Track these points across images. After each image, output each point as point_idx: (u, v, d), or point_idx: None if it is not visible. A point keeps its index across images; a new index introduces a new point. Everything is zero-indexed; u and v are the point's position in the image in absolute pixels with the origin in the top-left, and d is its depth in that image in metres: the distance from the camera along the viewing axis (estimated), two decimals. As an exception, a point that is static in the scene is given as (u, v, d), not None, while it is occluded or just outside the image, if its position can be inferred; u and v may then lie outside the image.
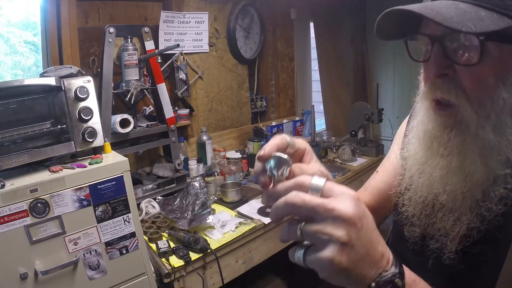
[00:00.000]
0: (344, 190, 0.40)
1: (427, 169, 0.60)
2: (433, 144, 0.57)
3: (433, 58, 0.53)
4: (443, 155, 0.56)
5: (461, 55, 0.50)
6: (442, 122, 0.56)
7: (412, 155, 0.65)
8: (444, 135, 0.55)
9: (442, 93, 0.53)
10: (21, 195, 1.05)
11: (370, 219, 0.40)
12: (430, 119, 0.58)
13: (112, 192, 1.22)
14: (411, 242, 0.66)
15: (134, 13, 2.05)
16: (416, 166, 0.63)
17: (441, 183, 0.57)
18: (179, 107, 2.28)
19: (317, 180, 0.41)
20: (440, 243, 0.59)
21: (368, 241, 0.39)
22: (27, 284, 1.07)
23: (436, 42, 0.51)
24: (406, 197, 0.67)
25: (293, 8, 2.94)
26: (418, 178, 0.63)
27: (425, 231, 0.63)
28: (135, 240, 1.29)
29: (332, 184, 0.41)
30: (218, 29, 2.44)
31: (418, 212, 0.64)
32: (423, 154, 0.60)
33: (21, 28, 1.88)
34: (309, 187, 0.41)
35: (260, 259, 1.76)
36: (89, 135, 1.28)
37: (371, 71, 3.73)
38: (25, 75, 1.90)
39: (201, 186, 1.80)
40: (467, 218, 0.55)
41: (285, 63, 3.01)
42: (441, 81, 0.53)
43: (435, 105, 0.56)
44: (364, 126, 2.83)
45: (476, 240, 0.55)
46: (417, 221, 0.64)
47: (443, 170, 0.56)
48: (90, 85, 1.28)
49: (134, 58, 1.77)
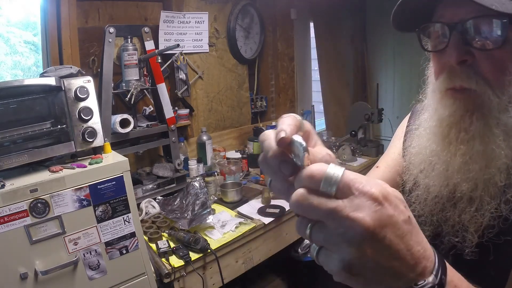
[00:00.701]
0: (367, 185, 0.32)
1: (443, 159, 0.56)
2: (451, 131, 0.55)
3: (452, 45, 0.51)
4: (463, 141, 0.53)
5: (481, 40, 0.49)
6: (461, 106, 0.53)
7: (422, 148, 0.62)
8: (465, 119, 0.53)
9: (461, 81, 0.52)
10: (21, 195, 1.05)
11: (400, 223, 0.32)
12: (446, 106, 0.55)
13: (112, 192, 1.22)
14: None
15: (134, 13, 2.05)
16: (428, 159, 0.60)
17: (461, 171, 0.54)
18: (179, 107, 2.28)
19: (333, 170, 0.33)
20: (460, 238, 0.56)
21: (393, 252, 0.32)
22: (27, 284, 1.07)
23: (454, 29, 0.50)
24: (414, 194, 0.63)
25: (293, 8, 2.93)
26: (430, 172, 0.59)
27: (437, 229, 0.60)
28: (135, 240, 1.29)
29: (352, 177, 0.32)
30: (218, 29, 2.44)
31: (429, 210, 0.61)
32: (438, 144, 0.57)
33: (21, 28, 1.88)
34: (323, 179, 0.32)
35: (260, 259, 1.76)
36: (89, 135, 1.28)
37: (371, 71, 3.73)
38: (25, 75, 1.90)
39: (201, 186, 1.80)
40: (491, 206, 0.52)
41: (285, 63, 3.01)
42: (460, 69, 0.51)
43: (451, 92, 0.54)
44: (364, 126, 2.83)
45: (500, 230, 0.52)
46: (428, 219, 0.61)
47: (465, 156, 0.53)
48: (90, 85, 1.28)
49: (134, 58, 1.77)
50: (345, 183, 0.32)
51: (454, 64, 0.51)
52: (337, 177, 0.32)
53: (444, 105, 0.56)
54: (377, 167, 0.82)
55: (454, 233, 0.57)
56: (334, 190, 0.32)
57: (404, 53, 3.38)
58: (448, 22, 0.51)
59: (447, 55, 0.52)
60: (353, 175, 0.33)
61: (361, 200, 0.31)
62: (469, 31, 0.50)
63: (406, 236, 0.33)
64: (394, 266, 0.33)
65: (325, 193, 0.32)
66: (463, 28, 0.50)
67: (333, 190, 0.32)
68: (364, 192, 0.31)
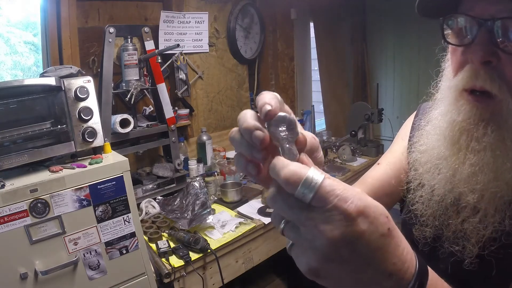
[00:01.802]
0: (343, 200, 0.31)
1: (450, 165, 0.54)
2: (462, 137, 0.52)
3: (479, 42, 0.47)
4: (474, 150, 0.51)
5: (510, 43, 0.46)
6: (477, 114, 0.50)
7: (430, 148, 0.59)
8: (478, 129, 0.50)
9: (483, 82, 0.48)
10: (21, 195, 1.05)
11: (374, 238, 0.31)
12: (461, 110, 0.51)
13: (112, 192, 1.22)
14: (421, 243, 0.61)
15: (134, 13, 2.05)
16: (434, 160, 0.58)
17: (469, 181, 0.52)
18: (179, 107, 2.28)
19: (313, 175, 0.31)
20: (460, 247, 0.54)
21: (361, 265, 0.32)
22: (27, 284, 1.07)
23: (484, 25, 0.47)
24: (418, 194, 0.61)
25: (293, 8, 2.93)
26: (436, 174, 0.57)
27: (438, 232, 0.58)
28: (135, 240, 1.29)
29: (328, 189, 0.31)
30: (218, 29, 2.44)
31: (432, 212, 0.59)
32: (446, 147, 0.55)
33: (21, 28, 1.88)
34: (301, 182, 0.31)
35: (260, 259, 1.76)
36: (89, 135, 1.28)
37: (371, 71, 3.73)
38: (25, 75, 1.90)
39: (201, 186, 1.80)
40: (495, 219, 0.51)
41: (285, 63, 3.01)
42: (483, 69, 0.48)
43: (468, 94, 0.50)
44: (364, 126, 2.83)
45: (503, 245, 0.51)
46: (430, 221, 0.59)
47: (474, 167, 0.51)
48: (90, 85, 1.28)
49: (134, 58, 1.77)
50: (321, 194, 0.31)
51: (477, 63, 0.48)
52: (314, 185, 0.31)
53: (458, 108, 0.52)
54: (378, 164, 0.80)
55: (454, 241, 0.56)
56: (309, 198, 0.31)
57: (404, 53, 3.38)
58: (478, 16, 0.47)
59: (471, 52, 0.49)
60: (331, 186, 0.31)
61: (333, 213, 0.30)
62: (499, 30, 0.46)
63: (381, 250, 0.32)
64: (364, 277, 0.33)
65: (300, 199, 0.31)
66: (493, 26, 0.46)
67: (309, 198, 0.31)
68: (337, 207, 0.30)
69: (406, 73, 3.42)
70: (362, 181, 0.80)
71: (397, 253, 0.33)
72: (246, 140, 0.35)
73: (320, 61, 3.33)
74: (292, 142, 0.35)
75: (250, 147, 0.35)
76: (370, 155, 2.71)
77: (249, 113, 0.35)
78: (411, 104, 3.31)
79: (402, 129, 0.80)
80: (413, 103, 3.24)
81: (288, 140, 0.34)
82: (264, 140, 0.34)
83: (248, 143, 0.35)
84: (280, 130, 0.34)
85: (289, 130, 0.35)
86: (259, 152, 0.35)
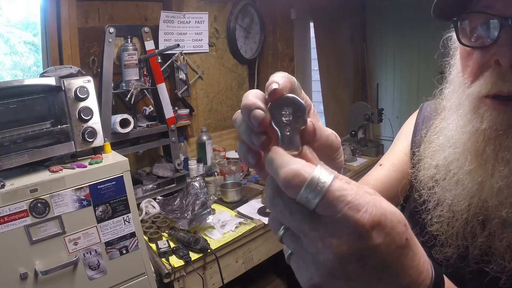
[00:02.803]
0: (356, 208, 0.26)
1: (475, 179, 0.49)
2: (489, 147, 0.47)
3: (505, 42, 0.43)
4: (504, 160, 0.46)
5: None
6: (504, 119, 0.45)
7: (447, 164, 0.54)
8: (508, 136, 0.45)
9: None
10: (21, 195, 1.05)
11: (390, 252, 0.27)
12: (485, 117, 0.47)
13: (112, 192, 1.22)
14: (444, 265, 0.56)
15: (134, 13, 2.05)
16: (452, 177, 0.53)
17: (500, 194, 0.47)
18: (179, 107, 2.28)
19: (319, 175, 0.26)
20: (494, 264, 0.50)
21: (372, 281, 0.28)
22: (27, 284, 1.07)
23: (507, 23, 0.42)
24: (436, 213, 0.56)
25: (293, 8, 2.93)
26: (459, 191, 0.52)
27: (462, 251, 0.54)
28: (135, 240, 1.29)
29: (339, 194, 0.26)
30: (218, 29, 2.44)
31: (455, 231, 0.54)
32: (470, 161, 0.50)
33: (21, 28, 1.88)
34: (306, 183, 0.26)
35: (260, 259, 1.76)
36: (89, 135, 1.28)
37: (371, 71, 3.73)
38: (25, 75, 1.90)
39: (201, 186, 1.80)
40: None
41: (285, 63, 3.01)
42: (511, 71, 0.43)
43: (491, 100, 0.46)
44: (364, 126, 2.83)
45: None
46: (452, 240, 0.54)
47: (506, 179, 0.46)
48: (90, 85, 1.28)
49: (134, 58, 1.77)
50: (328, 200, 0.26)
51: (505, 65, 0.43)
52: (321, 189, 0.26)
53: (481, 115, 0.47)
54: (380, 165, 0.75)
55: (484, 258, 0.51)
56: (314, 204, 0.26)
57: (404, 53, 3.38)
58: (500, 15, 0.43)
59: (495, 54, 0.44)
60: (341, 191, 0.26)
61: (343, 225, 0.26)
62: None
63: (396, 264, 0.28)
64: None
65: (303, 204, 0.27)
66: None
67: (314, 204, 0.26)
68: (348, 217, 0.25)
69: (406, 73, 3.42)
70: (363, 183, 0.74)
71: (414, 264, 0.29)
72: (245, 121, 0.30)
73: (320, 61, 3.33)
74: (295, 131, 0.29)
75: (249, 129, 0.30)
76: (370, 155, 2.71)
77: (254, 92, 0.31)
78: (411, 104, 3.31)
79: (404, 128, 0.76)
80: (413, 103, 3.24)
81: (290, 127, 0.29)
82: (263, 121, 0.28)
83: (247, 125, 0.30)
84: (284, 114, 0.29)
85: (295, 116, 0.29)
86: (257, 136, 0.29)
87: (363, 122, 2.75)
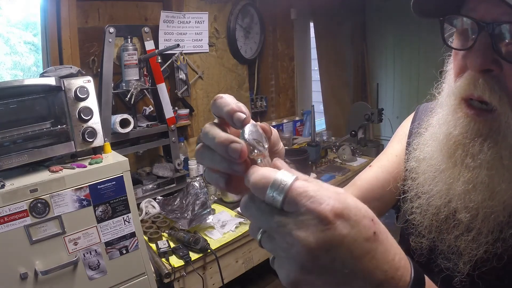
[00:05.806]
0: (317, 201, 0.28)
1: (445, 179, 0.51)
2: (457, 152, 0.49)
3: (479, 48, 0.43)
4: (468, 167, 0.47)
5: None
6: (474, 129, 0.46)
7: (428, 158, 0.56)
8: (474, 145, 0.46)
9: (482, 93, 0.44)
10: (21, 195, 1.05)
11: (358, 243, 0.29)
12: (458, 123, 0.48)
13: (112, 192, 1.22)
14: (417, 254, 0.58)
15: (134, 13, 2.05)
16: (431, 171, 0.55)
17: (463, 198, 0.49)
18: (179, 107, 2.28)
19: (282, 176, 0.29)
20: (452, 264, 0.52)
21: (347, 274, 0.29)
22: (27, 284, 1.07)
23: (485, 29, 0.42)
24: (415, 204, 0.58)
25: (293, 8, 2.93)
26: (433, 186, 0.54)
27: (434, 244, 0.56)
28: (135, 240, 1.29)
29: (299, 190, 0.29)
30: (218, 29, 2.44)
31: (428, 223, 0.56)
32: (442, 160, 0.52)
33: (21, 28, 1.88)
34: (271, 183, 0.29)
35: (260, 259, 1.76)
36: (89, 135, 1.28)
37: (371, 71, 3.73)
38: (25, 75, 1.90)
39: (201, 186, 1.80)
40: (487, 240, 0.48)
41: (285, 63, 3.01)
42: (483, 78, 0.44)
43: (467, 106, 0.47)
44: (364, 126, 2.83)
45: (494, 267, 0.48)
46: (426, 232, 0.57)
47: (467, 184, 0.48)
48: (90, 85, 1.28)
49: (134, 58, 1.77)
50: (291, 197, 0.29)
51: (476, 71, 0.44)
52: (283, 187, 0.29)
53: (456, 120, 0.49)
54: (370, 166, 0.77)
55: (448, 256, 0.53)
56: (279, 203, 0.29)
57: (404, 53, 3.38)
58: (480, 19, 0.43)
59: (471, 58, 0.45)
60: (303, 188, 0.29)
61: (307, 217, 0.28)
62: (502, 36, 0.41)
63: (366, 257, 0.29)
64: (353, 285, 0.30)
65: (270, 204, 0.30)
66: (495, 30, 0.41)
67: (279, 202, 0.29)
68: (311, 210, 0.28)
69: (406, 73, 3.42)
70: (352, 183, 0.77)
71: (387, 259, 0.30)
72: (220, 155, 0.32)
73: (320, 61, 3.33)
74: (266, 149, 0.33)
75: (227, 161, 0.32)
76: (370, 155, 2.71)
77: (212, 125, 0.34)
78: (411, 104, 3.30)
79: (398, 131, 0.76)
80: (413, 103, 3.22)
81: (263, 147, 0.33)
82: (242, 152, 0.31)
83: (222, 158, 0.33)
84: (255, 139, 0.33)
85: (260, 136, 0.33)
86: (240, 165, 0.32)
87: (363, 122, 2.75)
